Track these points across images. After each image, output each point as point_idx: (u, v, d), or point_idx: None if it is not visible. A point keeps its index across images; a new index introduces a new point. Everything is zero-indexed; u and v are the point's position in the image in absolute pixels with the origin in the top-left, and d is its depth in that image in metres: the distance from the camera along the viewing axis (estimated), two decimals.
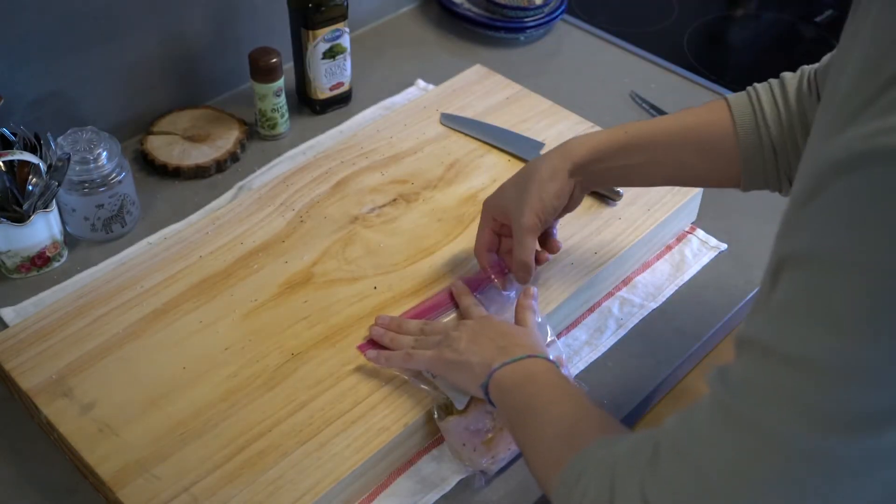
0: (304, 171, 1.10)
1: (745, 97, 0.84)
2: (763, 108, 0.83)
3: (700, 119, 0.85)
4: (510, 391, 0.77)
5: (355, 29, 1.38)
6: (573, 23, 1.47)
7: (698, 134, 0.85)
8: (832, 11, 1.54)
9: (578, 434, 0.68)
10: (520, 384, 0.77)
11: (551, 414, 0.72)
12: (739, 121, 0.83)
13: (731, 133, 0.83)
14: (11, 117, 1.04)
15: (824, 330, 0.47)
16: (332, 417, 0.84)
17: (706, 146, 0.84)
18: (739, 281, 1.06)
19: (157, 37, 1.18)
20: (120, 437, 0.82)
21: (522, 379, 0.77)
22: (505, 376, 0.78)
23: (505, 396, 0.78)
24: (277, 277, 0.97)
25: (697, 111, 0.86)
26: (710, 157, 0.85)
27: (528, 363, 0.78)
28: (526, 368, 0.78)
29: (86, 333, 0.91)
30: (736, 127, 0.83)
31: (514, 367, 0.78)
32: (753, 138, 0.82)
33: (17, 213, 0.98)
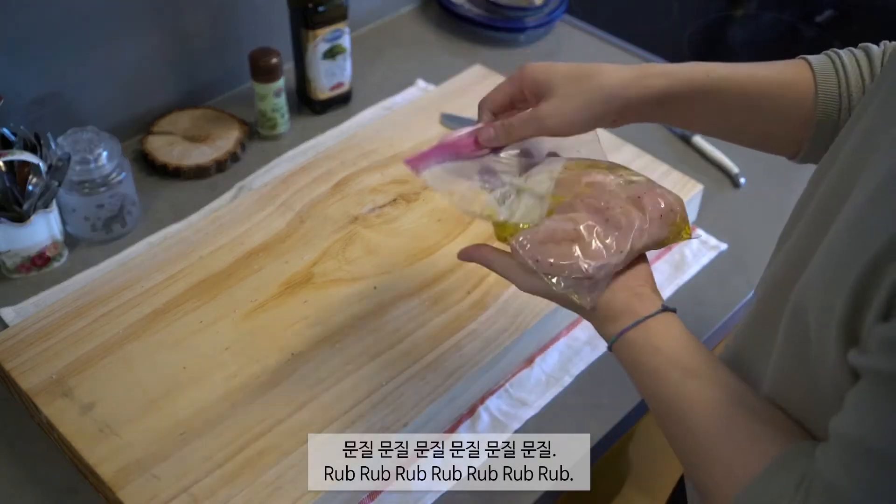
0: (304, 171, 1.10)
1: (828, 63, 0.77)
2: (848, 77, 0.76)
3: (782, 76, 0.78)
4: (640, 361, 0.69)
5: (355, 29, 1.38)
6: (573, 23, 1.47)
7: (779, 91, 0.77)
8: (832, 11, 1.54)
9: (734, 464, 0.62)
10: (652, 354, 0.68)
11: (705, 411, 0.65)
12: (822, 87, 0.76)
13: (811, 97, 0.76)
14: (11, 117, 1.04)
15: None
16: (332, 417, 0.84)
17: (783, 107, 0.77)
18: (739, 281, 1.06)
19: (157, 37, 1.18)
20: (120, 437, 0.82)
21: (654, 347, 0.68)
22: (619, 353, 0.70)
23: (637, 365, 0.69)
24: (277, 277, 0.97)
25: (779, 67, 0.79)
26: (782, 119, 0.78)
27: (657, 323, 0.69)
28: (656, 331, 0.69)
29: (86, 333, 0.91)
30: (818, 93, 0.76)
31: (620, 344, 0.70)
32: (833, 106, 0.76)
33: (17, 213, 0.98)
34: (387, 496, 0.85)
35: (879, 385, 0.50)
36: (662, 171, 1.10)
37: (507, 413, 0.92)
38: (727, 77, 0.79)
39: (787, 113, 0.78)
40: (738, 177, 1.19)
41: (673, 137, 1.25)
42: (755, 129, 0.80)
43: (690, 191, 1.08)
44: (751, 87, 0.78)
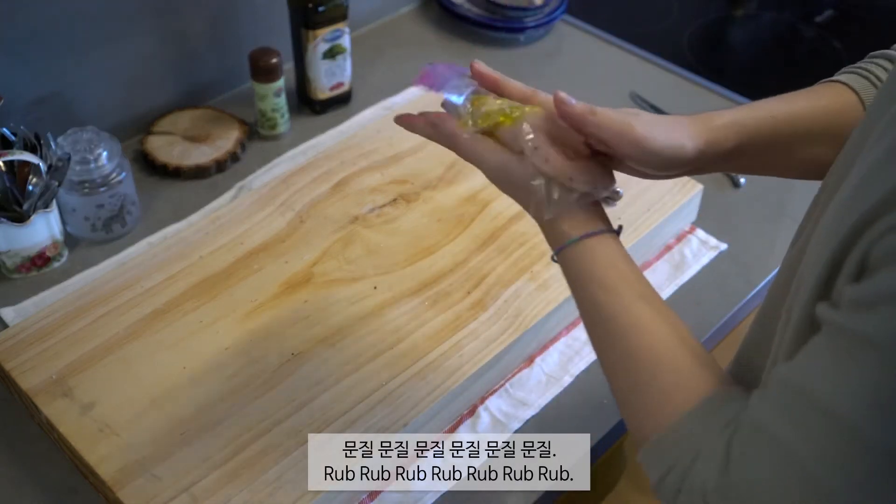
0: (304, 171, 1.10)
1: (862, 80, 0.75)
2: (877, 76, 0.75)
3: (832, 105, 0.75)
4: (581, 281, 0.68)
5: (355, 29, 1.38)
6: (573, 23, 1.47)
7: (836, 119, 0.75)
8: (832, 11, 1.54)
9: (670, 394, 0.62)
10: (608, 268, 0.67)
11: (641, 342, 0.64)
12: (869, 103, 0.74)
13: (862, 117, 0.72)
14: (11, 117, 1.04)
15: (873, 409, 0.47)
16: (332, 417, 0.84)
17: (840, 135, 0.73)
18: (739, 281, 1.06)
19: (157, 37, 1.18)
20: (120, 437, 0.82)
21: (591, 268, 0.67)
22: (573, 258, 0.68)
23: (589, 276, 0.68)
24: (277, 277, 0.97)
25: (823, 95, 0.76)
26: (839, 146, 0.73)
27: (615, 241, 0.68)
28: (614, 248, 0.68)
29: (86, 333, 0.91)
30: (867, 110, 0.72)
31: (578, 248, 0.68)
32: None
33: (17, 213, 0.98)
34: (387, 496, 0.85)
35: (839, 340, 0.49)
36: None
37: (507, 413, 0.92)
38: (792, 116, 0.75)
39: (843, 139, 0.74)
40: (737, 177, 1.19)
41: None
42: (818, 162, 0.76)
43: (690, 191, 1.08)
44: (812, 122, 0.75)
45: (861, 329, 0.48)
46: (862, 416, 0.48)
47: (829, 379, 0.50)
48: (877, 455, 0.48)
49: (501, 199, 1.06)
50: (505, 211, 1.05)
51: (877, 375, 0.47)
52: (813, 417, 0.50)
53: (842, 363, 0.49)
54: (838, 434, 0.49)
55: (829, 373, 0.50)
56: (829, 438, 0.49)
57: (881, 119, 0.54)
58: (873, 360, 0.47)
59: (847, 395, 0.48)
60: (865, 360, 0.48)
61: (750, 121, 0.74)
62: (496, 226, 1.03)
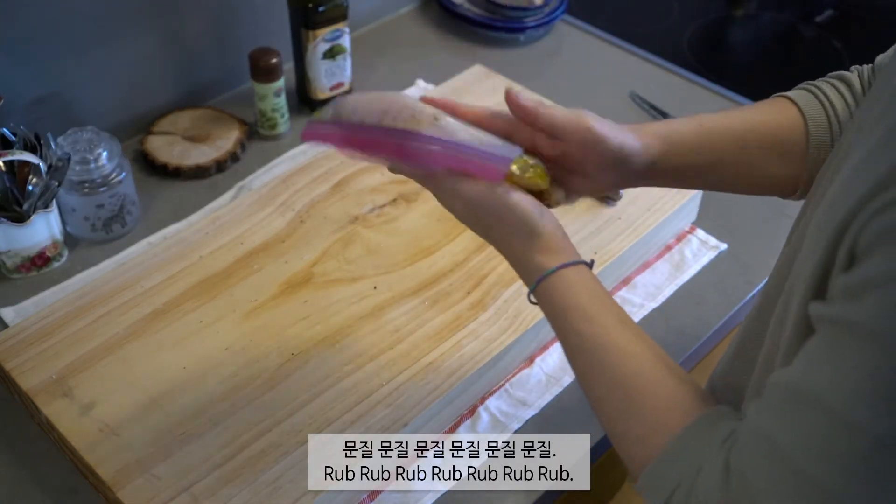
0: (304, 171, 1.10)
1: (809, 96, 0.77)
2: (833, 105, 0.76)
3: (768, 117, 0.77)
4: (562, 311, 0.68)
5: (355, 29, 1.38)
6: (573, 23, 1.47)
7: (770, 132, 0.77)
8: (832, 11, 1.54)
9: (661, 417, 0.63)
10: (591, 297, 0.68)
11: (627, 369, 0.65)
12: (811, 119, 0.76)
13: (803, 132, 0.76)
14: (11, 117, 1.04)
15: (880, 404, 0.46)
16: (333, 417, 0.84)
17: (777, 148, 0.76)
18: (739, 281, 1.06)
19: (157, 37, 1.18)
20: (120, 437, 0.82)
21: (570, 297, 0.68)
22: (552, 289, 0.69)
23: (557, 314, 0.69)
24: (277, 277, 0.97)
25: (763, 109, 0.78)
26: (777, 160, 0.77)
27: (546, 287, 0.68)
28: (591, 277, 0.69)
29: (86, 333, 0.91)
30: (808, 125, 0.76)
31: (555, 279, 0.68)
32: (825, 139, 0.75)
33: (17, 213, 0.98)
34: (387, 496, 0.85)
35: (832, 333, 0.49)
36: None
37: (507, 413, 0.92)
38: (723, 126, 0.77)
39: (782, 153, 0.77)
40: None
41: None
42: (751, 175, 0.79)
43: (690, 191, 1.08)
44: (744, 132, 0.78)
45: (853, 318, 0.47)
46: (860, 408, 0.47)
47: (824, 375, 0.49)
48: (877, 445, 0.47)
49: None
50: None
51: (873, 363, 0.46)
52: (809, 417, 0.49)
53: (836, 356, 0.49)
54: (836, 430, 0.48)
55: (824, 369, 0.49)
56: (827, 436, 0.48)
57: (876, 107, 0.54)
58: (868, 349, 0.47)
59: (843, 389, 0.48)
60: (860, 349, 0.47)
61: (677, 127, 0.76)
62: None
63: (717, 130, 0.77)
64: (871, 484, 0.48)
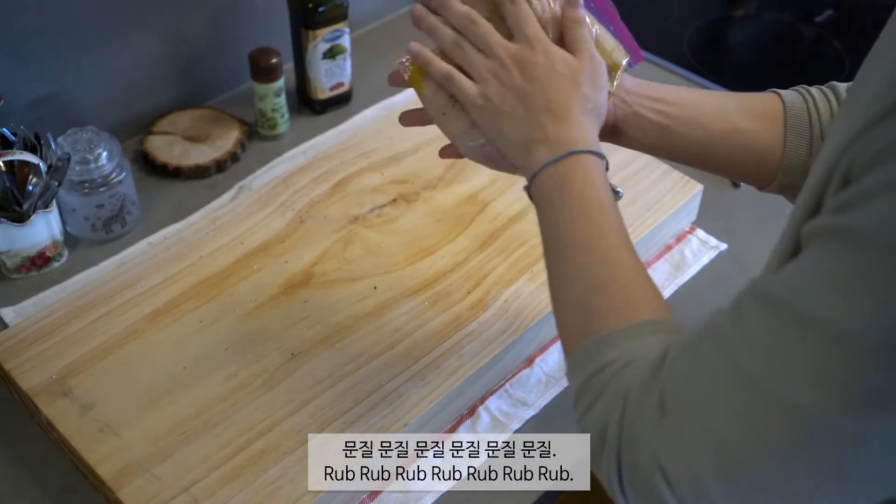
0: (304, 171, 1.10)
1: (797, 95, 0.79)
2: (814, 97, 0.78)
3: (745, 103, 0.80)
4: (551, 203, 0.68)
5: (355, 29, 1.38)
6: None
7: (749, 101, 0.79)
8: (832, 11, 1.54)
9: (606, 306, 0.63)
10: (561, 197, 0.67)
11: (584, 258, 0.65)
12: (788, 100, 0.77)
13: (780, 108, 0.77)
14: (11, 117, 1.04)
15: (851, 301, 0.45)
16: (332, 417, 0.84)
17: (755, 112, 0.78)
18: (739, 281, 1.05)
19: (157, 37, 1.18)
20: (120, 437, 0.82)
21: (564, 189, 0.67)
22: (546, 181, 0.68)
23: (545, 207, 0.69)
24: (277, 277, 0.97)
25: (748, 96, 0.81)
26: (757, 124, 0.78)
27: (574, 163, 0.68)
28: (571, 173, 0.68)
29: (86, 333, 0.91)
30: (784, 104, 0.77)
31: (558, 167, 0.68)
32: (804, 122, 0.76)
33: (17, 213, 0.98)
34: (387, 496, 0.85)
35: (822, 242, 0.48)
36: (662, 171, 1.10)
37: (507, 413, 0.92)
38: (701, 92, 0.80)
39: (758, 117, 0.78)
40: None
41: None
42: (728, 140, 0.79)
43: (690, 191, 1.08)
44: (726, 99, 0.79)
45: (845, 224, 0.46)
46: (824, 303, 0.46)
47: (801, 280, 0.48)
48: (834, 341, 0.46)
49: (501, 200, 1.06)
50: (505, 211, 1.05)
51: (864, 266, 0.45)
52: (765, 314, 0.49)
53: (818, 262, 0.48)
54: (791, 330, 0.47)
55: (802, 275, 0.48)
56: (780, 335, 0.48)
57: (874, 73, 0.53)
58: (859, 252, 0.45)
59: (812, 287, 0.47)
60: (849, 252, 0.46)
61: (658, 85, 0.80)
62: (496, 226, 1.03)
63: (699, 93, 0.80)
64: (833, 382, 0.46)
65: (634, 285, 0.65)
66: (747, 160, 0.79)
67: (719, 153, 0.80)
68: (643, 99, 0.79)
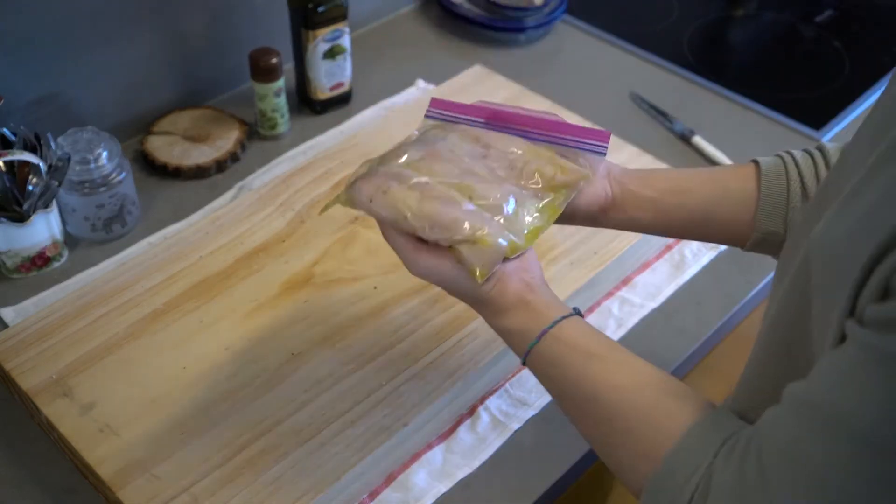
0: (305, 171, 1.10)
1: (777, 160, 0.80)
2: (795, 159, 0.79)
3: (725, 170, 0.83)
4: (550, 378, 0.71)
5: (355, 29, 1.38)
6: (573, 23, 1.47)
7: (722, 178, 0.81)
8: (832, 11, 1.54)
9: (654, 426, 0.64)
10: (554, 370, 0.70)
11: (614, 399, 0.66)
12: (764, 166, 0.79)
13: (754, 176, 0.79)
14: (11, 117, 1.04)
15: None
16: (332, 417, 0.84)
17: (727, 191, 0.80)
18: (739, 281, 1.06)
19: (157, 37, 1.18)
20: (120, 437, 0.82)
21: (553, 366, 0.70)
22: (535, 362, 0.71)
23: (548, 373, 0.71)
24: (278, 277, 0.97)
25: (723, 169, 0.84)
26: (728, 203, 0.80)
27: (551, 340, 0.70)
28: (551, 349, 0.70)
29: (86, 333, 0.91)
30: (760, 171, 0.79)
31: (538, 351, 0.71)
32: (781, 185, 0.78)
33: (17, 213, 0.98)
34: (387, 496, 0.85)
35: (864, 357, 0.49)
36: None
37: (507, 413, 0.92)
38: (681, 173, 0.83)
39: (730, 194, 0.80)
40: None
41: (673, 137, 1.25)
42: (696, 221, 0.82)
43: None
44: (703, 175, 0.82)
45: (884, 348, 0.48)
46: (885, 430, 0.48)
47: (851, 395, 0.50)
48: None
49: None
50: None
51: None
52: (842, 436, 0.50)
53: (862, 378, 0.49)
54: (861, 449, 0.49)
55: (850, 388, 0.50)
56: (853, 453, 0.49)
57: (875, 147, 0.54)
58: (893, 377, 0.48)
59: (869, 411, 0.49)
60: (886, 376, 0.48)
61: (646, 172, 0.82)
62: None
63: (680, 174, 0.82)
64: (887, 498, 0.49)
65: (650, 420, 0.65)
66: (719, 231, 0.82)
67: (716, 216, 0.81)
68: (633, 180, 0.80)
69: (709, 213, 0.80)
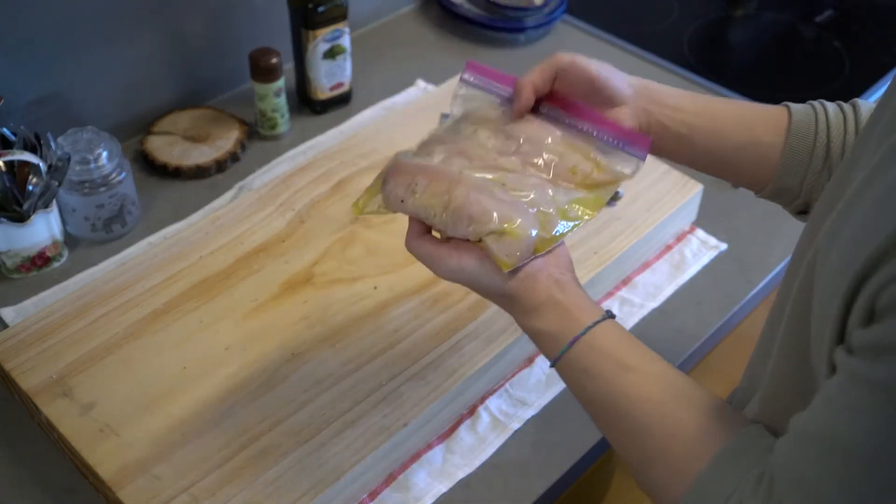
0: (305, 171, 1.10)
1: (808, 108, 0.79)
2: (826, 109, 0.78)
3: (758, 112, 0.80)
4: (582, 388, 0.69)
5: (355, 29, 1.38)
6: (573, 23, 1.47)
7: (756, 119, 0.79)
8: (832, 11, 1.54)
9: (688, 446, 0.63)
10: (595, 367, 0.67)
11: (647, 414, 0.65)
12: (795, 110, 0.77)
13: (785, 116, 0.77)
14: (11, 117, 1.04)
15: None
16: (332, 417, 0.84)
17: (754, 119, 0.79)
18: (739, 281, 1.06)
19: (157, 37, 1.18)
20: (120, 437, 0.82)
21: (585, 373, 0.67)
22: (565, 370, 0.69)
23: (579, 381, 0.69)
24: (277, 277, 0.97)
25: (755, 106, 0.81)
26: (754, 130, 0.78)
27: (583, 347, 0.68)
28: (584, 356, 0.68)
29: (86, 333, 0.91)
30: (791, 114, 0.77)
31: (569, 357, 0.68)
32: (809, 132, 0.76)
33: (17, 213, 0.98)
34: (387, 496, 0.85)
35: (855, 385, 0.49)
36: (662, 171, 1.10)
37: (507, 413, 0.92)
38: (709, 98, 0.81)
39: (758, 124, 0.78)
40: None
41: None
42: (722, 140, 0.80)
43: (690, 191, 1.08)
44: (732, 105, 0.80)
45: (871, 376, 0.48)
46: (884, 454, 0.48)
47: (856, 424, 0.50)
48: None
49: None
50: None
51: (891, 414, 0.48)
52: (847, 465, 0.50)
53: (856, 405, 0.49)
54: (864, 472, 0.49)
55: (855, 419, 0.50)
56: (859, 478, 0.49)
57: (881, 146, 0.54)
58: (886, 403, 0.48)
59: (869, 437, 0.49)
60: (875, 403, 0.48)
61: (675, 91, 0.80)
62: None
63: (708, 99, 0.80)
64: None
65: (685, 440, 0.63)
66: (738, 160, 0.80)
67: (741, 161, 0.80)
68: (664, 108, 0.78)
69: (736, 157, 0.79)
